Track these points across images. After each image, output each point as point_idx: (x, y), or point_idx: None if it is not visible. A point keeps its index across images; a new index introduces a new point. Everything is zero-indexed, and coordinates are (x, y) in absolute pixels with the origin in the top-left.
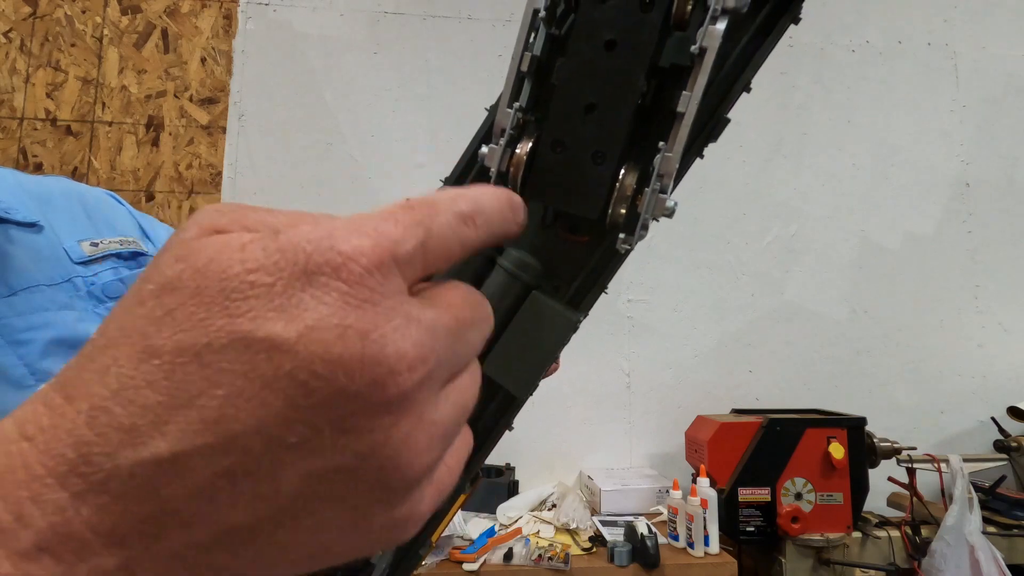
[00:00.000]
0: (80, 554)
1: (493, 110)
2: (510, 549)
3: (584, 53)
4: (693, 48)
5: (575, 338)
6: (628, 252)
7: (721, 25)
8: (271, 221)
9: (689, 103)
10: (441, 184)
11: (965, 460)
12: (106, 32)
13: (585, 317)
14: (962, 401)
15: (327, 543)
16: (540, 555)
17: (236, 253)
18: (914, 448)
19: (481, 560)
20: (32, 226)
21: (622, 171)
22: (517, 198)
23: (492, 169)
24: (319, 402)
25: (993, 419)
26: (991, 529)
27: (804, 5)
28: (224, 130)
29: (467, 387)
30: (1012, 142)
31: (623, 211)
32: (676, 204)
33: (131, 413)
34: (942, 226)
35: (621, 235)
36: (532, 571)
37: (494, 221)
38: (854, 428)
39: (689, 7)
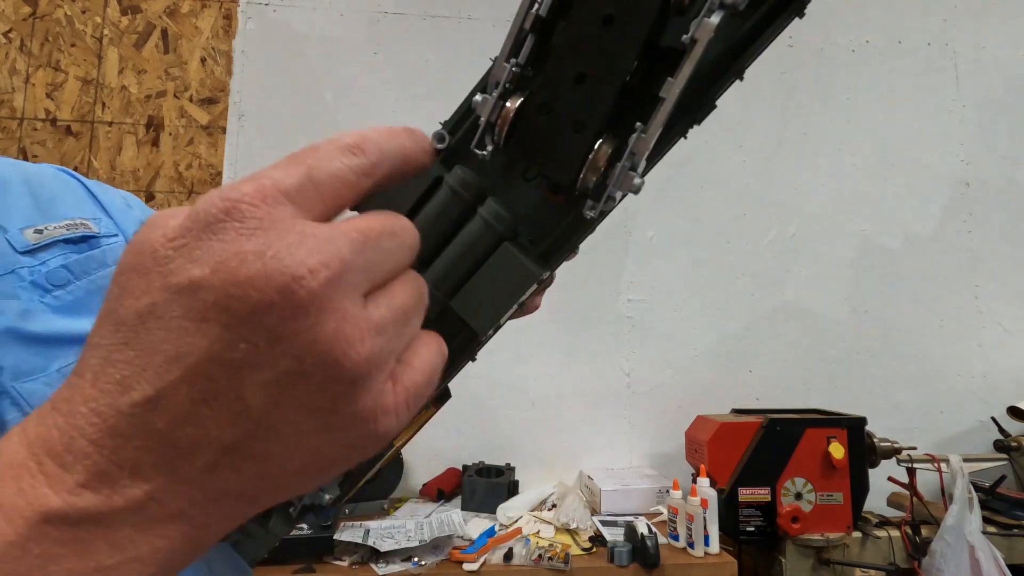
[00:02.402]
0: (113, 487)
1: (494, 61)
2: (510, 549)
3: (583, 23)
4: (685, 37)
5: (575, 338)
6: (595, 221)
7: (715, 18)
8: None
9: (671, 89)
10: (439, 124)
11: (965, 460)
12: (106, 32)
13: (551, 272)
14: (962, 401)
15: (315, 449)
16: (540, 555)
17: (159, 230)
18: (914, 448)
19: (481, 560)
20: None
21: (598, 143)
22: (416, 131)
23: (482, 119)
24: (244, 319)
25: (993, 419)
26: (991, 529)
27: (807, 5)
28: (224, 130)
29: (400, 291)
30: (1012, 142)
31: (593, 180)
32: (643, 182)
33: (118, 370)
34: (942, 226)
35: (589, 202)
36: (532, 571)
37: (385, 146)
38: (854, 428)
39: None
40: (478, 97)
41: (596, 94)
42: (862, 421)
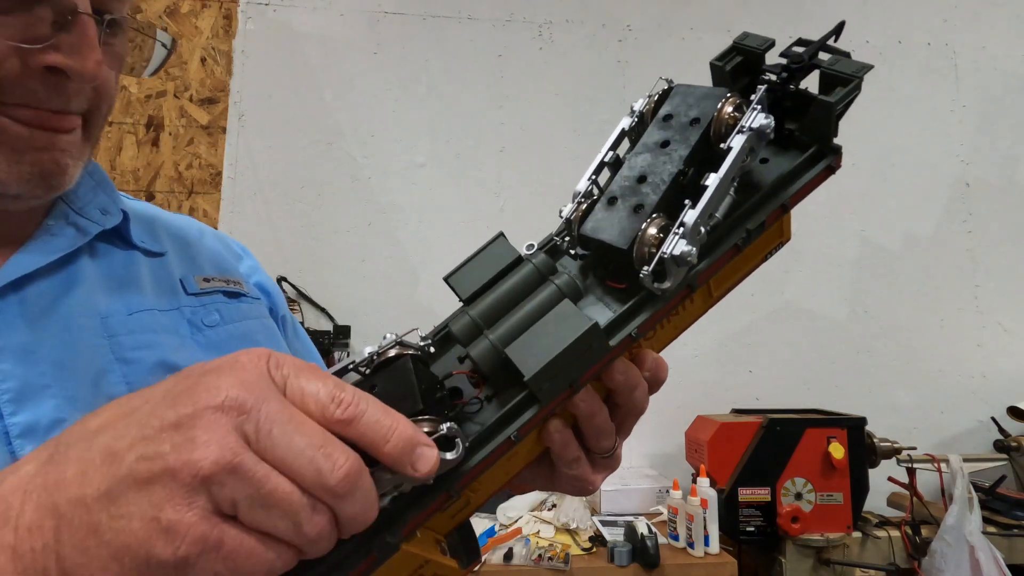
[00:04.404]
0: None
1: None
2: (510, 549)
3: (648, 147)
4: (723, 145)
5: None
6: (667, 291)
7: (741, 137)
8: None
9: (713, 179)
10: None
11: (965, 460)
12: None
13: (622, 335)
14: (962, 401)
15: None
16: (540, 555)
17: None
18: (914, 448)
19: (481, 560)
20: (158, 255)
21: (653, 216)
22: (422, 446)
23: (563, 215)
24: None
25: (993, 419)
26: (991, 529)
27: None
28: (224, 130)
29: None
30: (1012, 142)
31: (647, 249)
32: (692, 251)
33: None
34: (942, 226)
35: (645, 270)
36: (532, 571)
37: (362, 430)
38: (854, 428)
39: (723, 129)
40: (565, 207)
41: (652, 186)
42: (862, 421)
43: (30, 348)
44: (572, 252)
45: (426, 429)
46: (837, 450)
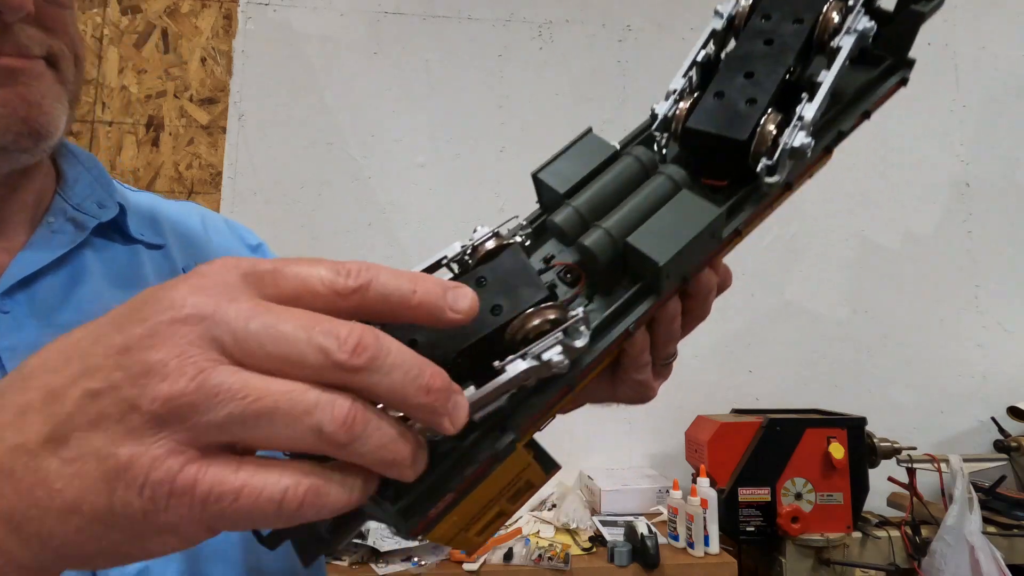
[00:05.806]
0: None
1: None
2: (510, 549)
3: (749, 45)
4: (833, 43)
5: None
6: (773, 187)
7: (850, 38)
8: None
9: (827, 77)
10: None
11: (965, 460)
12: (106, 32)
13: (730, 229)
14: (962, 401)
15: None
16: (540, 555)
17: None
18: (914, 448)
19: (481, 560)
20: (159, 248)
21: (769, 110)
22: (454, 291)
23: (659, 115)
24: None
25: (993, 419)
26: (991, 529)
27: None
28: (224, 130)
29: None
30: (1012, 142)
31: (767, 141)
32: (811, 143)
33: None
34: (942, 226)
35: (764, 162)
36: (532, 571)
37: (381, 282)
38: (854, 428)
39: (830, 29)
40: (657, 105)
41: (764, 81)
42: (862, 421)
43: (40, 345)
44: (663, 152)
45: (553, 316)
46: (837, 450)
